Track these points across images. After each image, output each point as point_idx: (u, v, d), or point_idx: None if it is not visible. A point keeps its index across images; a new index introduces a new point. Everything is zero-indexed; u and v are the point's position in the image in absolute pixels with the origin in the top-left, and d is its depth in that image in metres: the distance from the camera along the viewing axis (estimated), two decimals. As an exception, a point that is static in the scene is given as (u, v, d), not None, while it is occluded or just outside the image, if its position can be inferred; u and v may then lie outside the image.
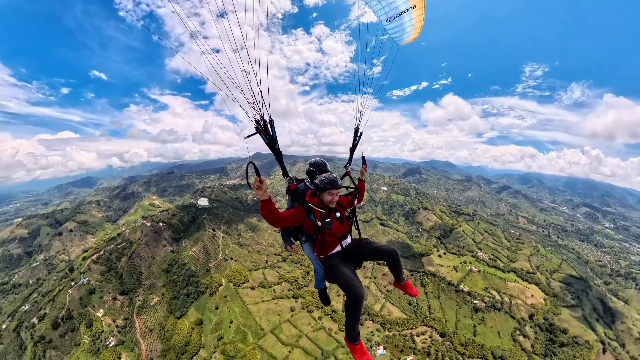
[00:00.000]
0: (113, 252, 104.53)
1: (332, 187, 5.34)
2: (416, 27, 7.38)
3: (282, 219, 5.09)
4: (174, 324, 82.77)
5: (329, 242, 5.59)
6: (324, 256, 5.67)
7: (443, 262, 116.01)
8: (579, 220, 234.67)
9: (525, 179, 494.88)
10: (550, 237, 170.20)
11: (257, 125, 5.00)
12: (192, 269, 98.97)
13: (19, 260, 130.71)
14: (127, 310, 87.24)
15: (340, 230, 5.70)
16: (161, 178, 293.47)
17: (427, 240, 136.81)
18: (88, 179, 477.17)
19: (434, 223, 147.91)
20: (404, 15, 7.13)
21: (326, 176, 5.47)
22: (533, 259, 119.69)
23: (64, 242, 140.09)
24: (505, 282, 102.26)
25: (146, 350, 76.66)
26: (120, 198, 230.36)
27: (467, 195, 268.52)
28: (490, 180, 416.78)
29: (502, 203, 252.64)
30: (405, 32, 7.60)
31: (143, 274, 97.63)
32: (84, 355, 72.34)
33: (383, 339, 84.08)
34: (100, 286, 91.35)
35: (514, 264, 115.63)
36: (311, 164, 6.69)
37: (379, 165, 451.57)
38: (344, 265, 5.43)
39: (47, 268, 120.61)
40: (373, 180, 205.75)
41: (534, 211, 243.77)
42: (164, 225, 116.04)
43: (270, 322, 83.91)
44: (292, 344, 77.78)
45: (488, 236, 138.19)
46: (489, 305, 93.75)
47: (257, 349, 75.28)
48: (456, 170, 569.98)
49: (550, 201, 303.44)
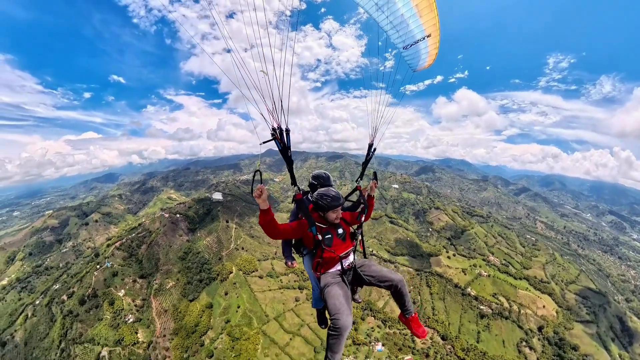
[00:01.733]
0: (134, 240, 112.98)
1: (336, 204, 5.14)
2: (431, 55, 7.72)
3: (280, 231, 4.94)
4: (187, 306, 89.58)
5: (328, 259, 5.26)
6: (319, 274, 5.37)
7: (451, 264, 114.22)
8: (604, 229, 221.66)
9: (546, 181, 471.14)
10: (570, 246, 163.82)
11: (274, 132, 5.05)
12: (206, 257, 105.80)
13: (50, 247, 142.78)
14: (145, 292, 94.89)
15: (342, 248, 5.35)
16: (178, 174, 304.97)
17: (437, 241, 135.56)
18: (110, 175, 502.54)
19: (445, 223, 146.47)
20: (420, 43, 7.49)
21: (326, 193, 5.20)
22: (548, 268, 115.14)
23: (90, 231, 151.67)
24: (516, 290, 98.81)
25: (160, 328, 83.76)
26: (140, 192, 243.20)
27: (482, 196, 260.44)
28: (508, 181, 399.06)
29: (520, 206, 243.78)
30: (421, 58, 7.95)
31: (160, 260, 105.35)
32: (105, 328, 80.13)
33: (383, 335, 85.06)
34: (122, 270, 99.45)
35: (527, 271, 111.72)
36: (314, 177, 6.41)
37: (392, 162, 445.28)
38: (339, 287, 5.06)
39: (75, 253, 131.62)
40: (384, 178, 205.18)
41: (553, 216, 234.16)
42: (180, 217, 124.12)
43: (275, 309, 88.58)
44: (294, 332, 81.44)
45: (502, 240, 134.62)
46: (496, 312, 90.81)
47: (260, 334, 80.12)
48: (472, 169, 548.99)
49: (572, 206, 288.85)
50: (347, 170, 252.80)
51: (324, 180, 6.27)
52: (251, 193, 4.41)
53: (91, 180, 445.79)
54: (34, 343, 79.79)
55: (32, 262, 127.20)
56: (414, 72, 8.29)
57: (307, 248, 5.70)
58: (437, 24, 6.99)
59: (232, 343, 77.19)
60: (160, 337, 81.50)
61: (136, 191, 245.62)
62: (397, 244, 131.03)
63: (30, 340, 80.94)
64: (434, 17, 6.93)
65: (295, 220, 5.60)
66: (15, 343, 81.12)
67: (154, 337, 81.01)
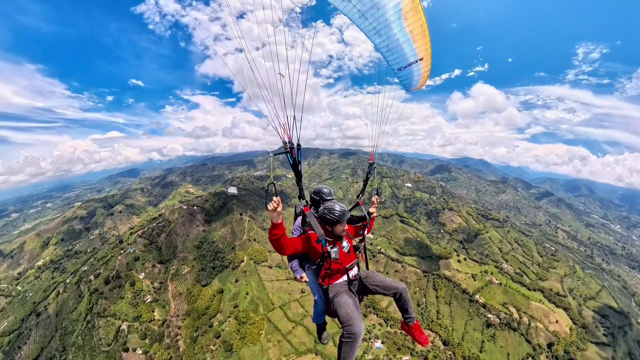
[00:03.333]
0: (154, 229, 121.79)
1: (343, 218, 5.35)
2: (423, 76, 8.21)
3: (290, 246, 5.11)
4: (200, 290, 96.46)
5: (335, 270, 5.42)
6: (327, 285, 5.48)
7: (461, 268, 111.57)
8: (634, 243, 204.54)
9: (572, 185, 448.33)
10: (593, 259, 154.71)
11: (285, 146, 5.25)
12: (219, 247, 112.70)
13: (79, 234, 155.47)
14: (162, 276, 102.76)
15: (347, 260, 5.55)
16: (195, 169, 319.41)
17: (448, 243, 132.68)
18: (133, 170, 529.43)
19: (458, 225, 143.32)
20: (413, 65, 7.89)
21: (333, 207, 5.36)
22: (567, 281, 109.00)
23: (115, 221, 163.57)
24: (528, 301, 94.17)
25: (174, 309, 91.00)
26: (160, 186, 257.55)
27: (500, 199, 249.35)
28: (529, 183, 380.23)
29: (541, 212, 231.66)
30: (414, 80, 8.42)
31: (178, 248, 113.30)
32: (126, 306, 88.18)
33: (383, 333, 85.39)
34: (143, 255, 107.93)
35: (542, 282, 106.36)
36: (315, 192, 6.51)
37: (406, 160, 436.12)
38: (349, 296, 5.26)
39: (101, 240, 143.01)
40: (397, 176, 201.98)
41: (577, 225, 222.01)
42: (197, 209, 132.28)
43: (281, 298, 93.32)
44: (297, 322, 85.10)
45: (518, 247, 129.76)
46: (504, 322, 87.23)
47: (265, 320, 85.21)
48: (491, 169, 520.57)
49: (600, 216, 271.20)
50: (359, 168, 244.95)
51: (326, 195, 6.38)
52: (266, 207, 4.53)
53: (115, 175, 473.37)
54: (64, 315, 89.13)
55: (63, 247, 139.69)
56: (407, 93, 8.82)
57: (311, 262, 5.73)
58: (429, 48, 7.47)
59: (239, 326, 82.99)
60: (174, 317, 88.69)
61: (156, 185, 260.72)
62: (407, 243, 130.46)
63: (60, 312, 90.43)
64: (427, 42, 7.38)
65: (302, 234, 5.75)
66: (48, 314, 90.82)
67: (168, 316, 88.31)
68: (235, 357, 75.68)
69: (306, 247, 5.43)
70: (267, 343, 78.59)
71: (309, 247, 5.43)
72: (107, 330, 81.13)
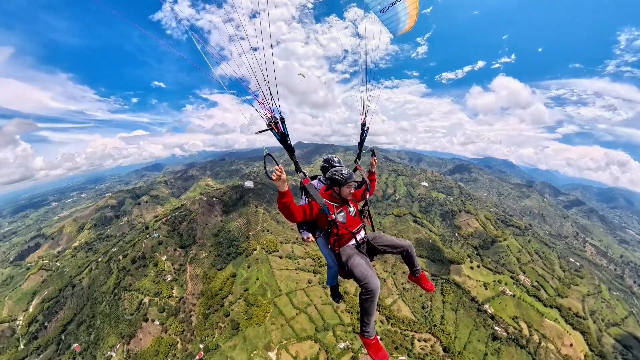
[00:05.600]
0: (177, 217, 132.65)
1: (350, 179, 5.69)
2: (411, 16, 7.50)
3: (299, 214, 5.38)
4: (215, 273, 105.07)
5: (344, 235, 5.74)
6: (338, 249, 5.74)
7: (473, 275, 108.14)
8: None
9: (607, 195, 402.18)
10: (624, 280, 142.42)
11: (269, 122, 5.17)
12: (235, 235, 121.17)
13: (110, 220, 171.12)
14: (182, 259, 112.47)
15: (354, 224, 5.89)
16: (215, 164, 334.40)
17: (462, 248, 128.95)
18: (157, 165, 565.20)
19: (475, 230, 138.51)
20: (397, 4, 7.26)
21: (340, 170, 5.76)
22: (589, 301, 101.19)
23: (141, 210, 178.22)
24: (542, 318, 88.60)
25: (191, 288, 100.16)
26: (182, 179, 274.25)
27: (523, 205, 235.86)
28: (558, 189, 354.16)
29: (569, 222, 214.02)
30: (400, 21, 7.69)
31: (197, 235, 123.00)
32: (149, 283, 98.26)
33: (383, 330, 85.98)
34: (166, 240, 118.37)
35: (561, 299, 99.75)
36: (325, 160, 7.04)
37: (424, 158, 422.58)
38: (360, 256, 5.58)
39: (129, 226, 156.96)
40: (414, 175, 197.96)
41: (610, 241, 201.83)
42: (216, 200, 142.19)
43: (288, 286, 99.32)
44: (301, 309, 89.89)
45: (538, 259, 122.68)
46: (511, 337, 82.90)
47: (272, 304, 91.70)
48: (516, 171, 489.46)
49: (638, 232, 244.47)
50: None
51: (335, 163, 6.92)
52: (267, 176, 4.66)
53: (141, 170, 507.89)
54: (94, 288, 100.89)
55: (96, 231, 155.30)
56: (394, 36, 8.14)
57: (320, 229, 6.00)
58: None
59: (247, 308, 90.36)
60: (190, 295, 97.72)
61: (179, 178, 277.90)
62: (418, 244, 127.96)
63: (92, 285, 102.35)
64: None
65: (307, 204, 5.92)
66: (82, 286, 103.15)
67: (185, 294, 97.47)
68: (240, 335, 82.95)
69: (315, 214, 5.65)
70: (270, 325, 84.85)
71: (317, 214, 5.66)
72: (131, 302, 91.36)
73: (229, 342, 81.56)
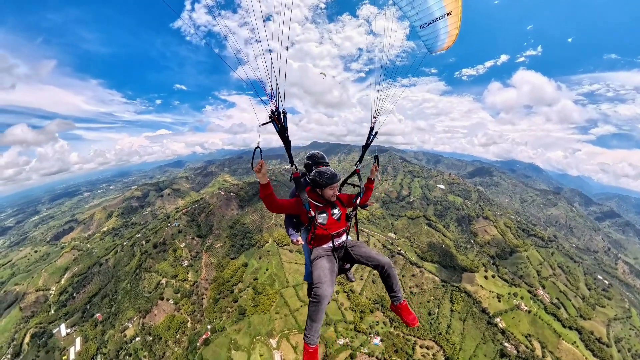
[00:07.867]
0: (196, 209, 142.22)
1: (332, 181, 5.64)
2: (451, 35, 7.31)
3: (279, 205, 5.40)
4: (228, 262, 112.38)
5: (320, 235, 5.71)
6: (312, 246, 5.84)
7: (487, 285, 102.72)
8: None
9: None
10: None
11: (272, 115, 5.27)
12: (249, 228, 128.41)
13: (135, 210, 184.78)
14: (199, 247, 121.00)
15: (335, 227, 5.79)
16: (233, 161, 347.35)
17: (477, 256, 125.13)
18: (179, 162, 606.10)
19: (492, 237, 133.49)
20: (439, 22, 7.00)
21: (323, 171, 5.72)
22: (616, 326, 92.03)
23: (164, 202, 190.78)
24: (559, 339, 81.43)
25: (205, 274, 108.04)
26: (202, 175, 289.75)
27: (549, 213, 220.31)
28: (590, 198, 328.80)
29: (600, 235, 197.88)
30: (439, 39, 7.48)
31: (214, 226, 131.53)
32: (167, 266, 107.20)
33: (385, 332, 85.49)
34: (185, 229, 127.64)
35: (583, 321, 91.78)
36: (309, 157, 6.82)
37: (442, 160, 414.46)
38: (327, 261, 5.55)
39: (152, 215, 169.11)
40: (430, 177, 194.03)
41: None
42: (233, 195, 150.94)
43: (295, 279, 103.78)
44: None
45: (561, 273, 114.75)
46: (522, 356, 77.77)
47: (278, 294, 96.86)
48: (542, 176, 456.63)
49: None
50: (390, 165, 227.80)
51: (319, 159, 6.81)
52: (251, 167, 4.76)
53: (164, 166, 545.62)
54: (119, 267, 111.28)
55: (122, 219, 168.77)
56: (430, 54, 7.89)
57: (302, 224, 6.19)
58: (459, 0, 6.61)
59: (254, 296, 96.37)
60: (203, 280, 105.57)
61: (199, 174, 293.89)
62: (430, 248, 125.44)
63: (117, 265, 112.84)
64: None
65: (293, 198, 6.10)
66: (108, 265, 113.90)
67: (199, 279, 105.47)
68: (245, 321, 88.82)
69: (297, 209, 5.71)
70: (275, 314, 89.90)
71: (299, 209, 5.70)
72: (149, 282, 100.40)
73: (235, 325, 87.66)
